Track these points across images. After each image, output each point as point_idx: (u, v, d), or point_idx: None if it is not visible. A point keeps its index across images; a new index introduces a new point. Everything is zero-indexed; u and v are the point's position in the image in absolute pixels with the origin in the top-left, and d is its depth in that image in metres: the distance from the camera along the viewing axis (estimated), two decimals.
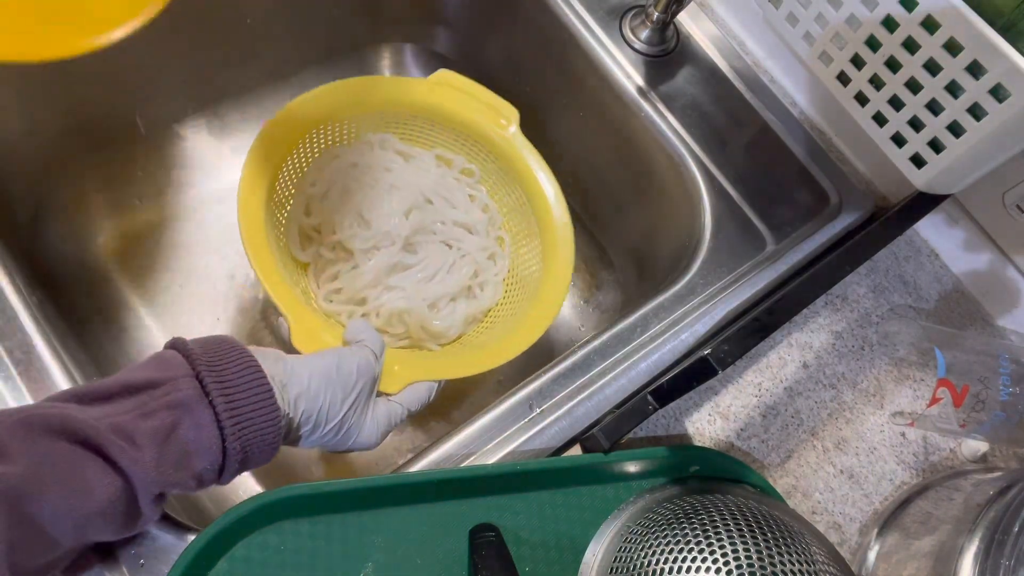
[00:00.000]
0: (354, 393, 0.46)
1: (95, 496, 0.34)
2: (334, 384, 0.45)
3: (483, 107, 0.64)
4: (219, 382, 0.39)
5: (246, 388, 0.39)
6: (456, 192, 0.66)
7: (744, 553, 0.39)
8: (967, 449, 0.57)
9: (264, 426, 0.39)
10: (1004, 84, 0.44)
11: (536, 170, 0.64)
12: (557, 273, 0.61)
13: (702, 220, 0.62)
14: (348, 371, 0.46)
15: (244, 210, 0.53)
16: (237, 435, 0.38)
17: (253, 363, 0.41)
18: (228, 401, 0.38)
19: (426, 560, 0.44)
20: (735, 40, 0.69)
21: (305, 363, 0.45)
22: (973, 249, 0.63)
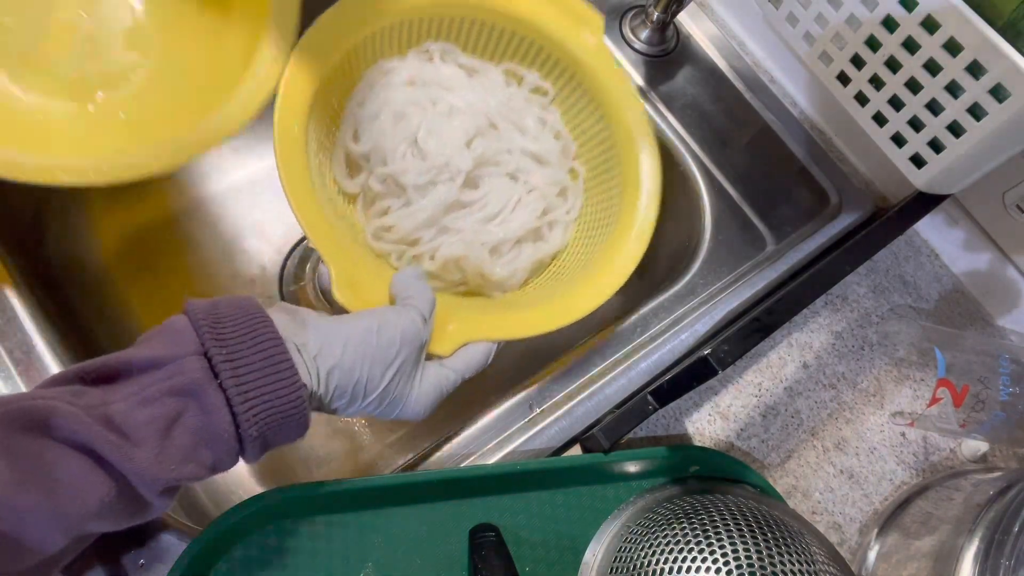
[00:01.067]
0: (396, 363, 0.41)
1: (84, 498, 0.31)
2: (373, 354, 0.40)
3: (560, 12, 0.55)
4: (230, 360, 0.35)
5: (262, 365, 0.35)
6: (526, 115, 0.57)
7: (744, 553, 0.39)
8: (967, 449, 0.57)
9: (284, 407, 0.36)
10: (1004, 84, 0.44)
11: (621, 91, 0.54)
12: (638, 213, 0.52)
13: (702, 220, 0.62)
14: (390, 339, 0.41)
15: (282, 136, 0.45)
16: (253, 420, 0.35)
17: (271, 333, 0.36)
18: (240, 383, 0.34)
19: (426, 560, 0.44)
20: (735, 40, 0.69)
21: (340, 329, 0.40)
22: (973, 249, 0.63)
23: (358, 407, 0.41)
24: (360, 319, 0.41)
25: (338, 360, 0.39)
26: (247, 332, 0.36)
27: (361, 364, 0.40)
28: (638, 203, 0.54)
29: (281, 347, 0.36)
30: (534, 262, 0.55)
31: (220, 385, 0.34)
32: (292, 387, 0.36)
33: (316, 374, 0.38)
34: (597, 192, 0.57)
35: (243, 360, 0.35)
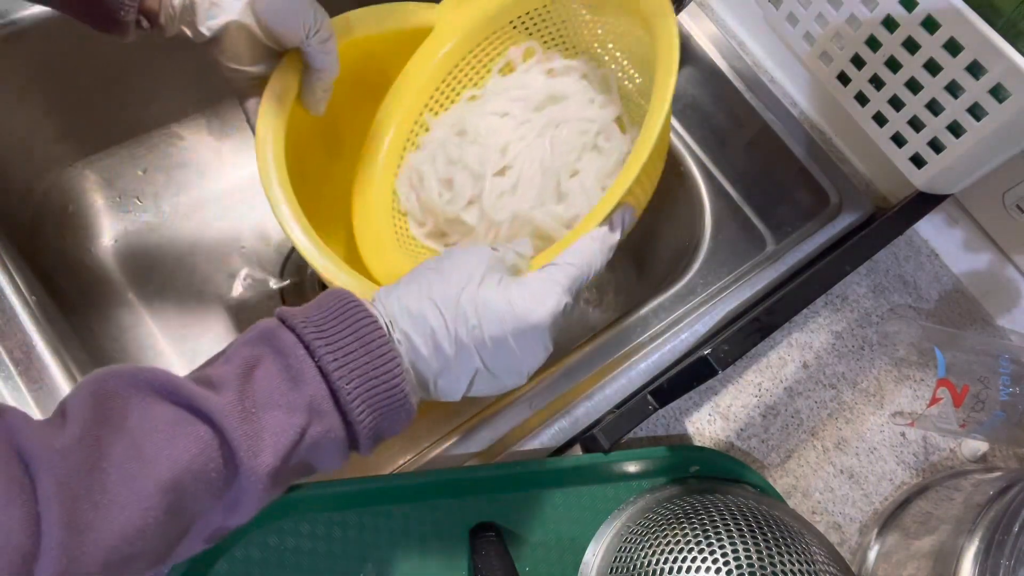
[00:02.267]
0: (471, 275, 0.35)
1: (172, 449, 0.29)
2: (434, 280, 0.35)
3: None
4: (318, 330, 0.33)
5: (350, 334, 0.33)
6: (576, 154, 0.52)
7: (744, 553, 0.39)
8: (967, 449, 0.57)
9: (380, 374, 0.33)
10: (1004, 84, 0.44)
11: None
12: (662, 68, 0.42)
13: (702, 220, 0.62)
14: (453, 262, 0.36)
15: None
16: (350, 388, 0.32)
17: (357, 307, 0.34)
18: (329, 344, 0.33)
19: (426, 560, 0.44)
20: (735, 40, 0.69)
21: (397, 283, 0.37)
22: (973, 249, 0.63)
23: (457, 353, 0.35)
24: (417, 267, 0.38)
25: (401, 304, 0.35)
26: (336, 310, 0.34)
27: (424, 296, 0.35)
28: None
29: (366, 314, 0.34)
30: (601, 175, 0.51)
31: (307, 348, 0.32)
32: (382, 346, 0.33)
33: (392, 328, 0.35)
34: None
35: (333, 332, 0.33)
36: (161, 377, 0.30)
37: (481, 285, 0.35)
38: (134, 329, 0.67)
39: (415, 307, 0.35)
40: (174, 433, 0.29)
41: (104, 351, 0.65)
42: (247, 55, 0.45)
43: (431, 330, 0.34)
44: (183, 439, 0.29)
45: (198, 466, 0.29)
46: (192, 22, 0.43)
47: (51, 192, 0.67)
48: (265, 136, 0.46)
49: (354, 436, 0.34)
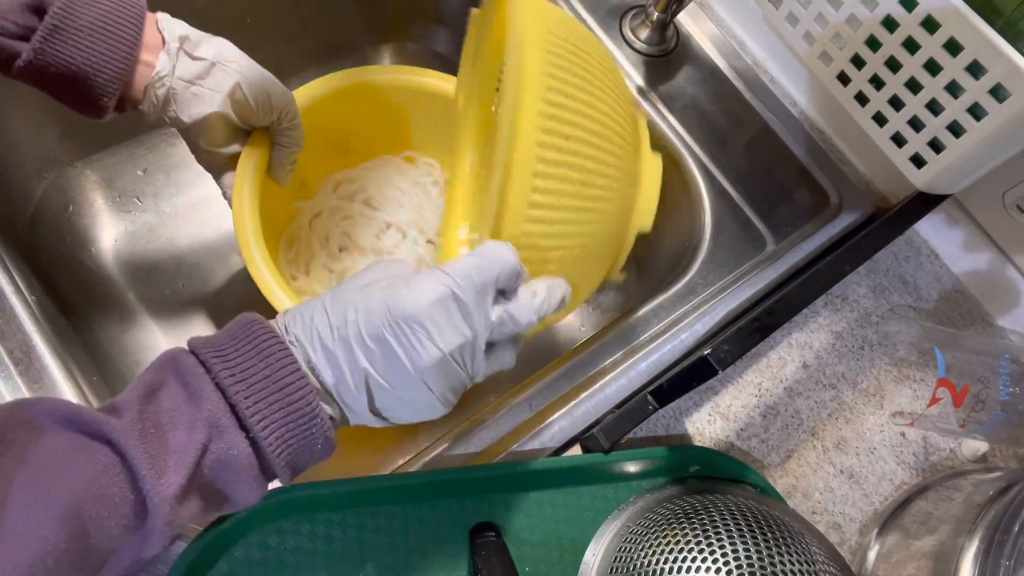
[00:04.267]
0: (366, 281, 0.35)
1: (71, 477, 0.28)
2: (332, 290, 0.35)
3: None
4: (220, 353, 0.32)
5: (254, 356, 0.32)
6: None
7: (744, 553, 0.39)
8: (967, 449, 0.57)
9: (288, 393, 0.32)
10: (1004, 84, 0.44)
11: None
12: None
13: (702, 220, 0.62)
14: (359, 273, 0.36)
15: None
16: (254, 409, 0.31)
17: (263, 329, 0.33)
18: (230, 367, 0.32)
19: (426, 560, 0.44)
20: (735, 40, 0.69)
21: (308, 301, 0.36)
22: (973, 249, 0.63)
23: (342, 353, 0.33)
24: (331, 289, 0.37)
25: (297, 312, 0.35)
26: (239, 332, 0.33)
27: (317, 302, 0.35)
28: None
29: (265, 330, 0.33)
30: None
31: (208, 371, 0.32)
32: (283, 358, 0.32)
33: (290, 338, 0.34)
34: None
35: (232, 351, 0.32)
36: (62, 407, 0.30)
37: (370, 286, 0.34)
38: (134, 329, 0.67)
39: (307, 312, 0.34)
40: (71, 458, 0.28)
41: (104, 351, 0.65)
42: (222, 138, 0.49)
43: (316, 332, 0.34)
44: (80, 463, 0.28)
45: (99, 490, 0.28)
46: (175, 114, 0.45)
47: (51, 192, 0.67)
48: (242, 208, 0.50)
49: (262, 456, 0.32)
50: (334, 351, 0.33)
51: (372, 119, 0.63)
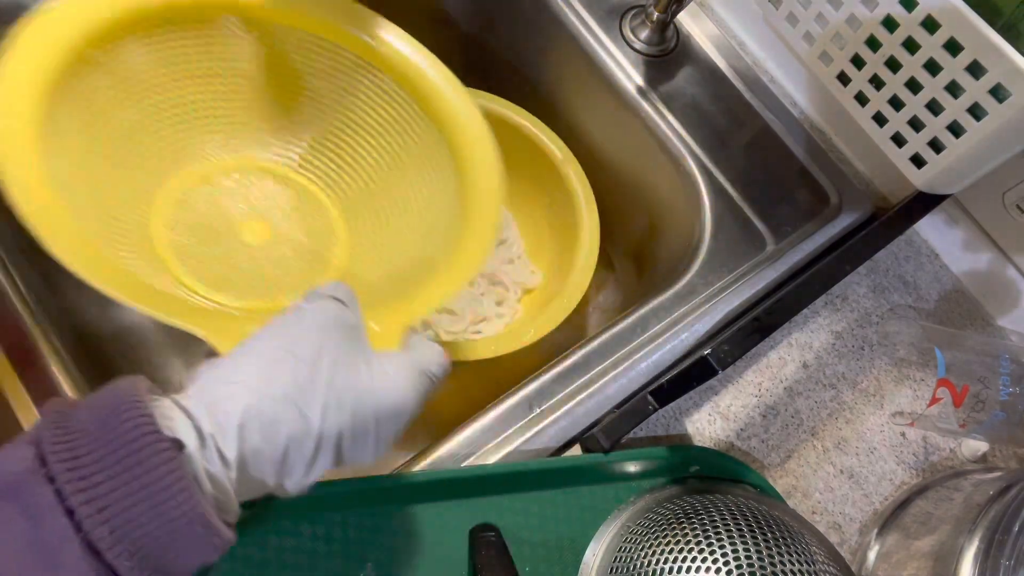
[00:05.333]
0: (325, 359, 0.31)
1: None
2: (286, 366, 0.30)
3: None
4: (69, 448, 0.25)
5: (113, 455, 0.25)
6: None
7: (744, 553, 0.39)
8: (967, 449, 0.57)
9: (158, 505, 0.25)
10: (1004, 84, 0.44)
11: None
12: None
13: (702, 220, 0.62)
14: (302, 335, 0.31)
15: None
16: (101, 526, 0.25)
17: (134, 415, 0.26)
18: (78, 476, 0.25)
19: (426, 560, 0.44)
20: (735, 40, 0.69)
21: (232, 366, 0.30)
22: (973, 249, 0.63)
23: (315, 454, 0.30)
24: (251, 342, 0.31)
25: (239, 405, 0.28)
26: (101, 416, 0.26)
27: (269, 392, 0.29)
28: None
29: (146, 429, 0.26)
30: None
31: (70, 514, 0.24)
32: (162, 473, 0.26)
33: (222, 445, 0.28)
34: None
35: (85, 448, 0.25)
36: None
37: (340, 366, 0.31)
38: (135, 328, 0.67)
39: (267, 410, 0.29)
40: None
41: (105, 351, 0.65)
42: None
43: (285, 438, 0.29)
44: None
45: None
46: None
47: None
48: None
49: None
50: (308, 455, 0.30)
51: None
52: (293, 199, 0.53)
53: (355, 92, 0.51)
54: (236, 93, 0.50)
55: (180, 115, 0.48)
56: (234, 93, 0.49)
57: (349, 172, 0.54)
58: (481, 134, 0.50)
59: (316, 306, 0.33)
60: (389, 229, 0.52)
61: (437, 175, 0.51)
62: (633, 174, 0.70)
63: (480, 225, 0.47)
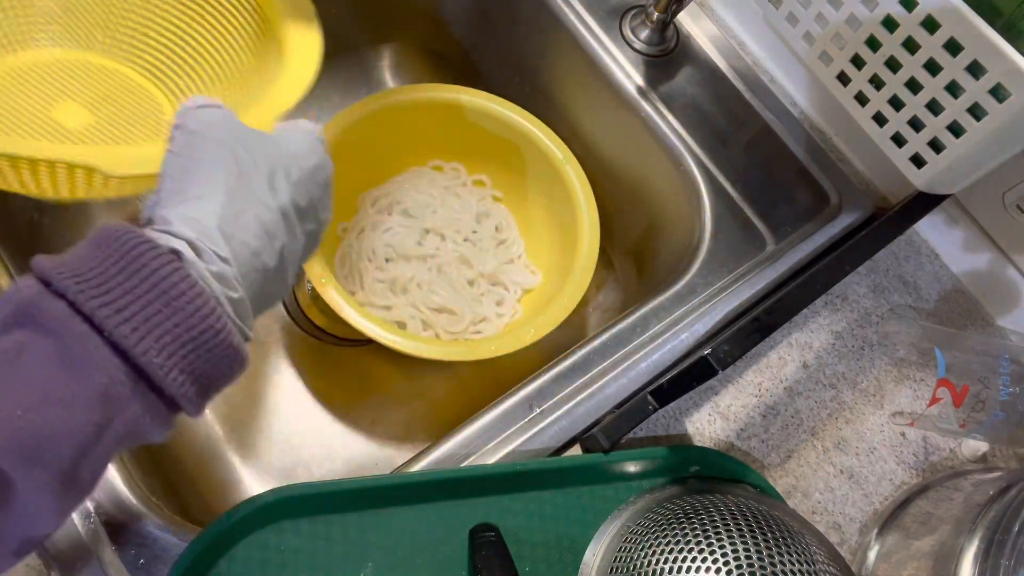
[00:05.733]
0: (239, 149, 0.32)
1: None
2: (216, 169, 0.31)
3: None
4: (87, 280, 0.26)
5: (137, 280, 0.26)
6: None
7: (744, 553, 0.39)
8: (967, 449, 0.57)
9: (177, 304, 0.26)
10: (1004, 84, 0.44)
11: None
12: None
13: (702, 220, 0.62)
14: (206, 141, 0.32)
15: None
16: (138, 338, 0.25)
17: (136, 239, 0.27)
18: (106, 301, 0.25)
19: (426, 560, 0.44)
20: (735, 40, 0.69)
21: (172, 190, 0.31)
22: (973, 249, 0.63)
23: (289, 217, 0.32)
24: (168, 168, 0.32)
25: (204, 212, 0.29)
26: (115, 254, 0.26)
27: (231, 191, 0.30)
28: None
29: (159, 254, 0.27)
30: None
31: (90, 321, 0.25)
32: (195, 298, 0.27)
33: (212, 250, 0.29)
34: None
35: (116, 285, 0.26)
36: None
37: (255, 148, 0.32)
38: None
39: (228, 206, 0.30)
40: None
41: None
42: None
43: (256, 221, 0.31)
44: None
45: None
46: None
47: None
48: None
49: (175, 404, 0.28)
50: (284, 238, 0.32)
51: (398, 136, 0.68)
52: (116, 86, 0.52)
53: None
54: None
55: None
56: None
57: (170, 61, 0.54)
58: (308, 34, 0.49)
59: (194, 115, 0.33)
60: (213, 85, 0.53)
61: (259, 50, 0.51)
62: (633, 174, 0.70)
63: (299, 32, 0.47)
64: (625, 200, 0.72)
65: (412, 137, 0.69)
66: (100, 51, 0.53)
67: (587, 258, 0.63)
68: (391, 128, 0.67)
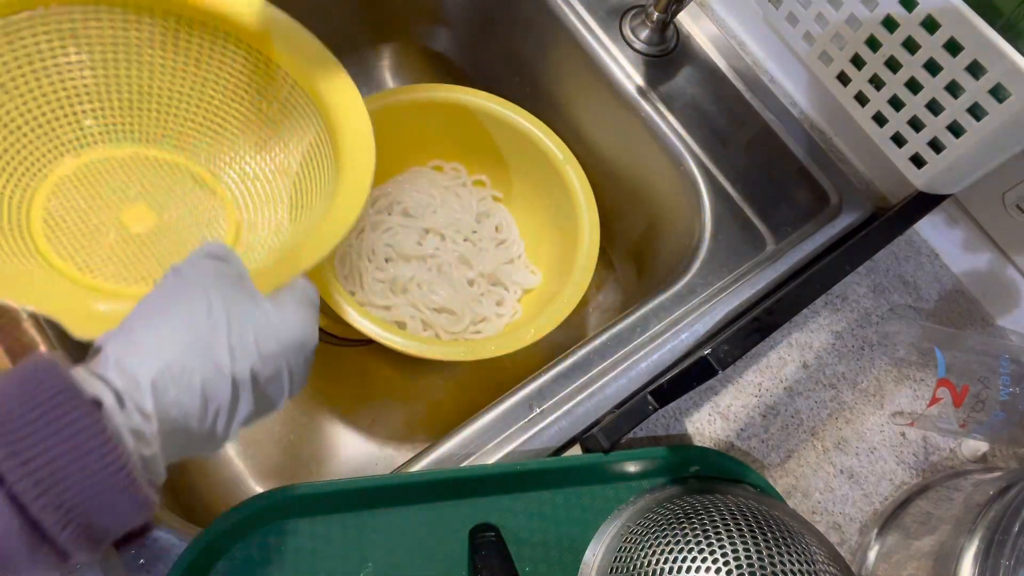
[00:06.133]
0: (217, 305, 0.31)
1: None
2: (182, 320, 0.30)
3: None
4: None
5: (33, 415, 0.26)
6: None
7: (744, 553, 0.39)
8: (967, 449, 0.57)
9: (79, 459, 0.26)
10: (1004, 84, 0.44)
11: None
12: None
13: (702, 220, 0.62)
14: (188, 290, 0.32)
15: None
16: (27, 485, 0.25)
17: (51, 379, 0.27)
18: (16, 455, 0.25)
19: (426, 560, 0.44)
20: (735, 40, 0.69)
21: (129, 331, 0.30)
22: (973, 249, 0.63)
23: (232, 398, 0.31)
24: (140, 307, 0.31)
25: (151, 364, 0.29)
26: (18, 381, 0.27)
27: (178, 344, 0.29)
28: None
29: (65, 391, 0.26)
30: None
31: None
32: (109, 463, 0.26)
33: (136, 405, 0.28)
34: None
35: (3, 408, 0.26)
36: None
37: (234, 309, 0.32)
38: None
39: (176, 361, 0.29)
40: None
41: None
42: None
43: (200, 384, 0.30)
44: None
45: None
46: None
47: None
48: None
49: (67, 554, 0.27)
50: (225, 402, 0.31)
51: (398, 136, 0.67)
52: (180, 183, 0.52)
53: (226, 66, 0.51)
54: (113, 78, 0.49)
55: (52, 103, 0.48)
56: (111, 78, 0.49)
57: (230, 153, 0.53)
58: (356, 109, 0.49)
59: (192, 263, 0.33)
60: (272, 209, 0.52)
61: (314, 147, 0.51)
62: (633, 174, 0.70)
63: (352, 186, 0.46)
64: (625, 200, 0.72)
65: (412, 137, 0.69)
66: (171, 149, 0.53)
67: (587, 258, 0.63)
68: (391, 128, 0.67)
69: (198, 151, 0.53)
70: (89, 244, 0.47)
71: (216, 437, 0.32)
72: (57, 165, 0.48)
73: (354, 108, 0.49)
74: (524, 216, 0.73)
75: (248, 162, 0.53)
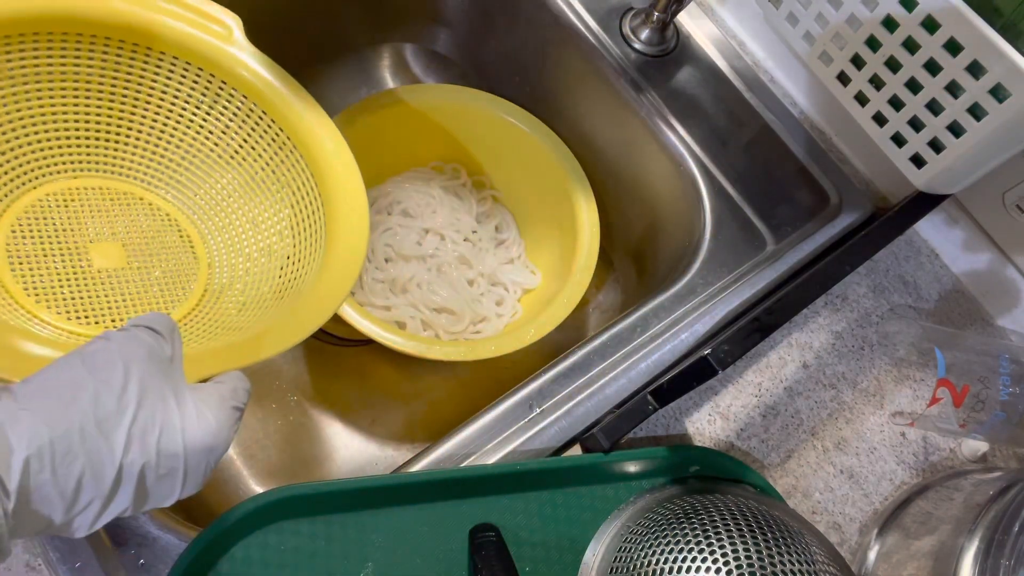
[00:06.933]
0: (132, 390, 0.29)
1: None
2: (86, 394, 0.28)
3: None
4: None
5: None
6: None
7: (744, 553, 0.39)
8: (967, 449, 0.57)
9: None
10: (1004, 84, 0.44)
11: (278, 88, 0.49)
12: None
13: (702, 220, 0.62)
14: (105, 363, 0.30)
15: None
16: None
17: None
18: None
19: (426, 560, 0.44)
20: (735, 40, 0.69)
21: (26, 393, 0.28)
22: (973, 249, 0.63)
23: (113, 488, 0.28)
24: (51, 368, 0.29)
25: (39, 433, 0.26)
26: None
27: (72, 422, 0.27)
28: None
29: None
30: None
31: None
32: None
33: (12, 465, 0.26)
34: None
35: None
36: None
37: (148, 397, 0.30)
38: None
39: (60, 439, 0.27)
40: None
41: None
42: None
43: (79, 470, 0.27)
44: None
45: None
46: None
47: None
48: None
49: None
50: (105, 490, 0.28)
51: (398, 136, 0.68)
52: (154, 224, 0.51)
53: (219, 113, 0.50)
54: (94, 109, 0.48)
55: (28, 130, 0.46)
56: (93, 110, 0.48)
57: (210, 196, 0.52)
58: (348, 170, 0.50)
59: (127, 335, 0.31)
60: (250, 260, 0.51)
61: (302, 205, 0.50)
62: (633, 174, 0.70)
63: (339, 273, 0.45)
64: (625, 200, 0.72)
65: (412, 137, 0.69)
66: (167, 199, 0.52)
67: (587, 258, 0.63)
68: (391, 128, 0.67)
69: (195, 208, 0.52)
70: (42, 265, 0.44)
71: (79, 529, 0.29)
72: (46, 183, 0.47)
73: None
74: (524, 216, 0.73)
75: (240, 236, 0.52)
